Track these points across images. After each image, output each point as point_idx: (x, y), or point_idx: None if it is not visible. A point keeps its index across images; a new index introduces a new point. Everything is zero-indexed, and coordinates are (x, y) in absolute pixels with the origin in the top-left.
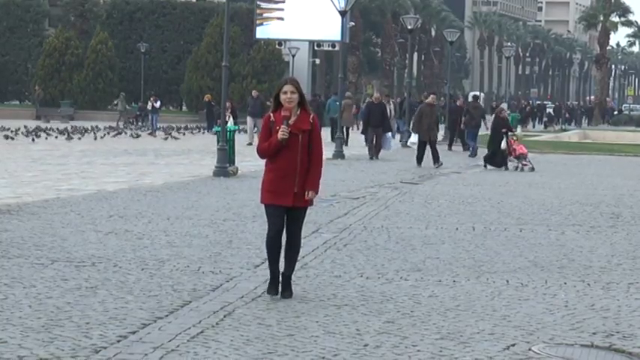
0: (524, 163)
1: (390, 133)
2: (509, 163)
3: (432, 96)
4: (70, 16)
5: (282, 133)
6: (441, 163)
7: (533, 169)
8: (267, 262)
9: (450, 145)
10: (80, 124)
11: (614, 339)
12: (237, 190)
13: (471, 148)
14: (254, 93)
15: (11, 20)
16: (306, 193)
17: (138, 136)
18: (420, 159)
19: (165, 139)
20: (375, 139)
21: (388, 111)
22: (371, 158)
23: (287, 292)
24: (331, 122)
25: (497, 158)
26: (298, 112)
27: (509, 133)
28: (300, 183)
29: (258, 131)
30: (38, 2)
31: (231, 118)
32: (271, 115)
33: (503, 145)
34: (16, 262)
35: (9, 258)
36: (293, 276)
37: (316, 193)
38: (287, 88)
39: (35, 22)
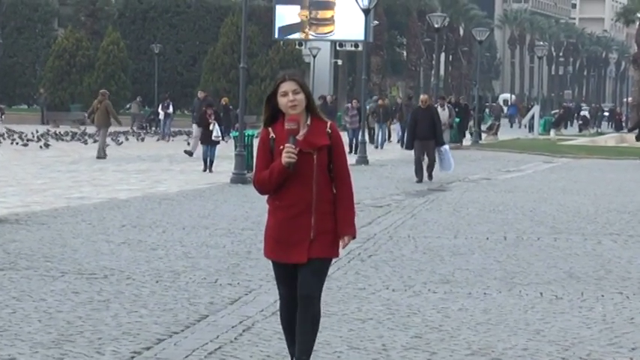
0: None
1: (446, 147)
2: None
3: None
4: (80, 15)
5: (287, 154)
6: None
7: None
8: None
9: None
10: (92, 129)
11: None
12: (255, 198)
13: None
14: (200, 94)
15: (19, 20)
16: (342, 239)
17: (142, 139)
18: None
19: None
20: (424, 156)
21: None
22: (419, 181)
23: None
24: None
25: None
26: (309, 122)
27: None
28: (318, 224)
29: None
30: (47, 1)
31: (216, 125)
32: (269, 129)
33: None
34: (24, 274)
35: (17, 270)
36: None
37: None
38: (287, 86)
39: (44, 22)
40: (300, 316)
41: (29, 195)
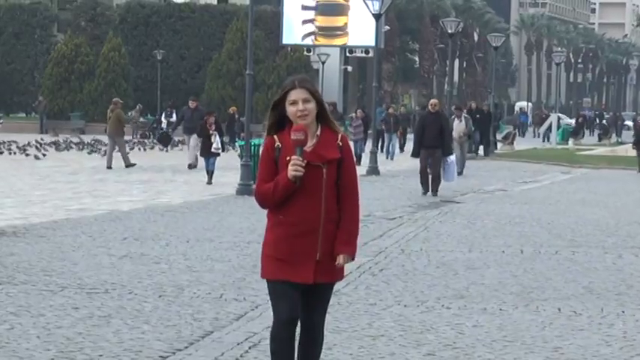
0: None
1: (452, 157)
2: None
3: None
4: (80, 20)
5: (293, 167)
6: None
7: None
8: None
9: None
10: (91, 138)
11: None
12: (261, 210)
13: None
14: (191, 103)
15: (17, 25)
16: (338, 258)
17: (151, 148)
18: None
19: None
20: (430, 166)
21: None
22: (424, 193)
23: None
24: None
25: None
26: (319, 132)
27: None
28: (325, 246)
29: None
30: (46, 6)
31: (217, 136)
32: (275, 138)
33: None
34: (22, 288)
35: (15, 284)
36: None
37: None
38: (296, 95)
39: (43, 27)
40: (302, 343)
41: (27, 206)
